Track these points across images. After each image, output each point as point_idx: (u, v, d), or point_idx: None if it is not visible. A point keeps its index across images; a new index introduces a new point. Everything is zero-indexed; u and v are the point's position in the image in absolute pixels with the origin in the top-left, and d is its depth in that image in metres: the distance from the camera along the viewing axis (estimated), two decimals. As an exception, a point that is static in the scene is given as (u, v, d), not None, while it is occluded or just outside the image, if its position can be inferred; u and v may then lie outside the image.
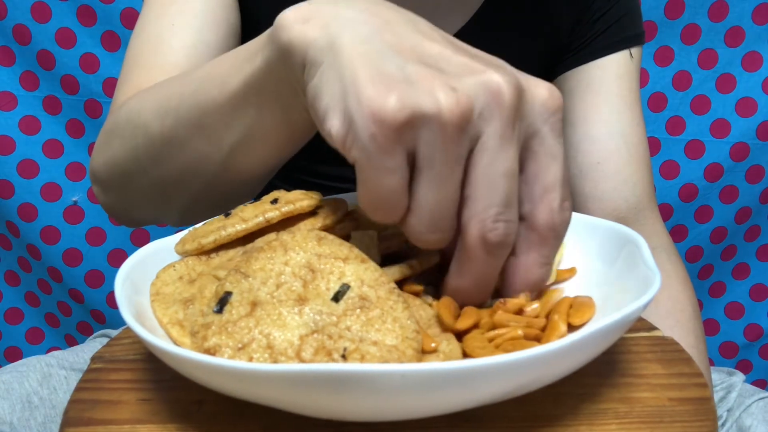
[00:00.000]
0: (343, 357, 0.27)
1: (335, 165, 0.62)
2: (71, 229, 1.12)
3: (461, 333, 0.32)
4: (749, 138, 1.07)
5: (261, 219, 0.35)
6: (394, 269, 0.33)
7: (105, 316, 1.17)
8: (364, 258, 0.31)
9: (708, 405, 0.30)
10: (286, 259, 0.31)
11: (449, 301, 0.33)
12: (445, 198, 0.29)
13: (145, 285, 0.34)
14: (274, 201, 0.36)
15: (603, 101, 0.67)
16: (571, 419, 0.30)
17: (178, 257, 0.36)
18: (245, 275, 0.30)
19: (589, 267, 0.37)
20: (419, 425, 0.28)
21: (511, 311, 0.33)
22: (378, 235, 0.36)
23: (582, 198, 0.67)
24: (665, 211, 1.11)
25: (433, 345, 0.30)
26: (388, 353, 0.27)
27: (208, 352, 0.28)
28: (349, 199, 0.39)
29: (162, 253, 0.36)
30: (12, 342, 1.19)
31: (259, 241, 0.32)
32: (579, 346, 0.27)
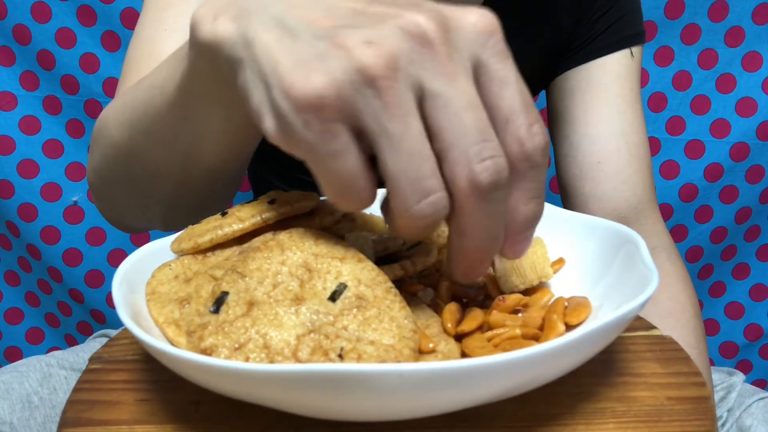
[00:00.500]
0: (340, 357, 0.27)
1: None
2: (71, 229, 1.12)
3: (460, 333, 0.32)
4: (749, 138, 1.07)
5: (258, 219, 0.35)
6: (386, 269, 0.33)
7: (105, 316, 1.17)
8: (361, 257, 0.31)
9: (706, 404, 0.30)
10: (282, 259, 0.31)
11: (455, 307, 0.33)
12: (415, 156, 0.27)
13: (143, 285, 0.34)
14: (271, 201, 0.36)
15: (603, 101, 0.67)
16: (569, 418, 0.30)
17: (176, 257, 0.36)
18: (242, 275, 0.30)
19: (588, 266, 0.37)
20: (417, 425, 0.28)
21: (508, 310, 0.33)
22: (375, 237, 0.36)
23: (582, 198, 0.67)
24: (665, 211, 1.11)
25: (431, 345, 0.30)
26: (385, 353, 0.27)
27: (204, 352, 0.28)
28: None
29: (161, 253, 0.36)
30: (12, 342, 1.19)
31: (256, 241, 0.32)
32: (577, 344, 0.27)
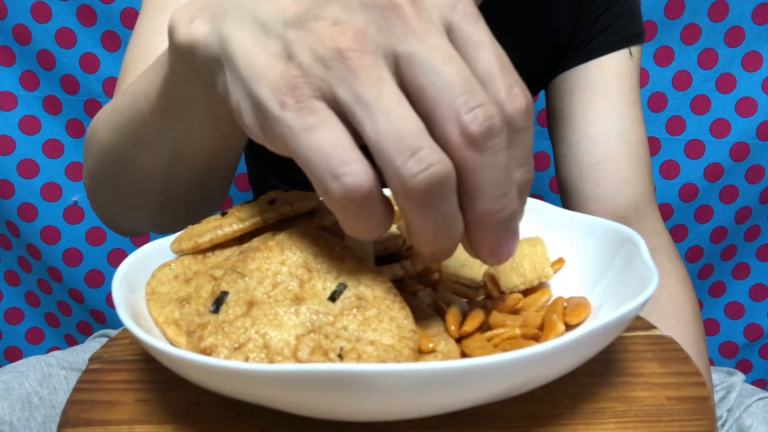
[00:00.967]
0: (340, 357, 0.27)
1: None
2: (71, 229, 1.12)
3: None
4: (749, 138, 1.07)
5: (258, 219, 0.35)
6: (386, 269, 0.33)
7: (105, 316, 1.17)
8: (360, 257, 0.31)
9: (706, 404, 0.30)
10: (282, 259, 0.31)
11: (458, 310, 0.33)
12: (392, 116, 0.25)
13: (143, 285, 0.34)
14: (271, 201, 0.36)
15: (603, 100, 0.67)
16: (569, 419, 0.30)
17: (176, 257, 0.36)
18: (242, 275, 0.30)
19: (588, 266, 0.37)
20: (417, 425, 0.28)
21: (508, 310, 0.33)
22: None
23: (582, 198, 0.67)
24: (665, 211, 1.11)
25: (431, 345, 0.30)
26: (384, 353, 0.27)
27: (204, 352, 0.28)
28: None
29: (161, 253, 0.36)
30: (12, 342, 1.19)
31: (256, 241, 0.32)
32: (577, 344, 0.27)
